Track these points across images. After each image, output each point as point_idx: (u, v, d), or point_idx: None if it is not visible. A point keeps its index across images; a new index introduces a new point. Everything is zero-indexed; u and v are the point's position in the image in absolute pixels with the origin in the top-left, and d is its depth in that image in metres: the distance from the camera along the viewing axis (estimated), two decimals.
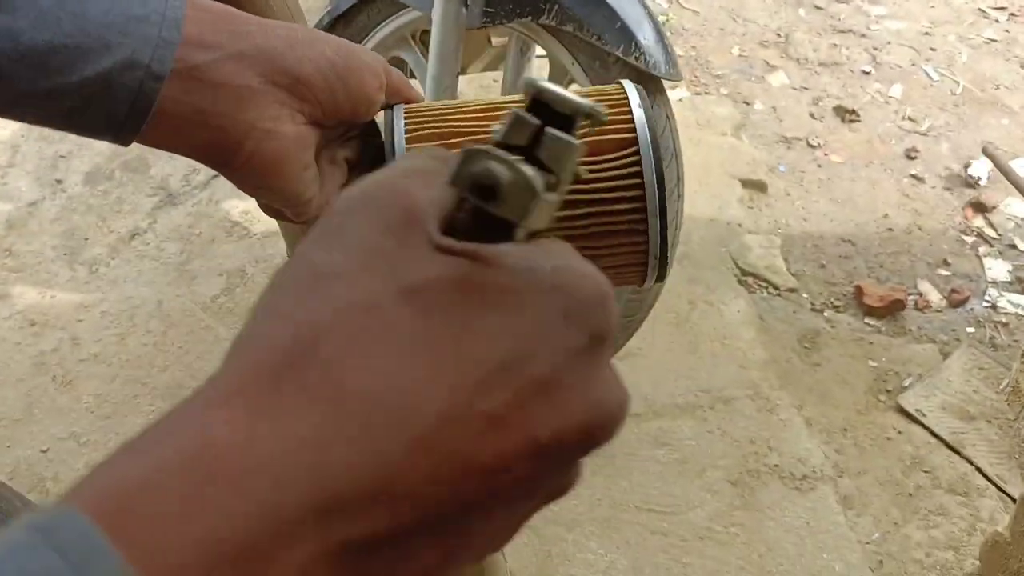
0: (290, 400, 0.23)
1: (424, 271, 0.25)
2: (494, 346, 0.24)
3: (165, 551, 0.20)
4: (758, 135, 2.41)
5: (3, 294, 1.93)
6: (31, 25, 0.41)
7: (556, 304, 0.25)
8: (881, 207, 2.23)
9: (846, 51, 2.71)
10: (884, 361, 1.83)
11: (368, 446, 0.22)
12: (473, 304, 0.25)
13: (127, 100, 0.43)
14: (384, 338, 0.24)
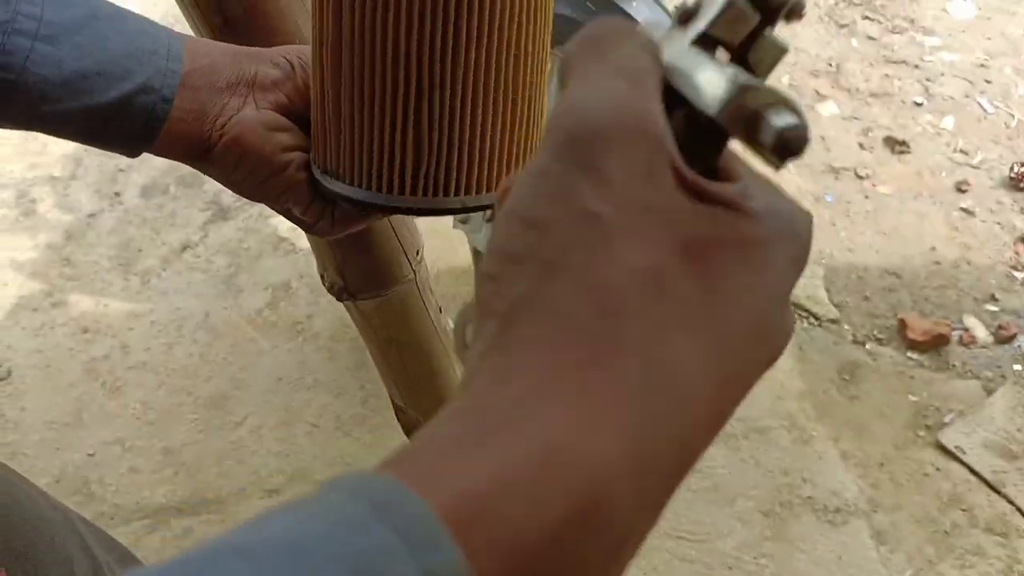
0: (612, 398, 0.23)
1: (695, 225, 0.26)
2: (753, 309, 0.26)
3: (503, 556, 0.20)
4: (805, 164, 2.39)
5: (60, 301, 2.00)
6: (70, 55, 0.49)
7: (791, 253, 0.27)
8: (929, 240, 2.20)
9: (898, 82, 2.68)
10: (925, 396, 1.80)
11: (677, 437, 0.24)
12: (737, 260, 0.26)
13: (142, 118, 0.51)
14: (673, 307, 0.24)
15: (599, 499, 0.22)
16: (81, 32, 0.50)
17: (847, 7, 2.98)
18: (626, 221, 0.25)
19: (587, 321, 0.24)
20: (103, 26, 0.51)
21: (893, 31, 2.88)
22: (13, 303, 2.00)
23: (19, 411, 1.78)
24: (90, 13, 0.51)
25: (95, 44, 0.50)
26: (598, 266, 0.24)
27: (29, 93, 0.50)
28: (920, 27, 2.89)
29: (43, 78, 0.49)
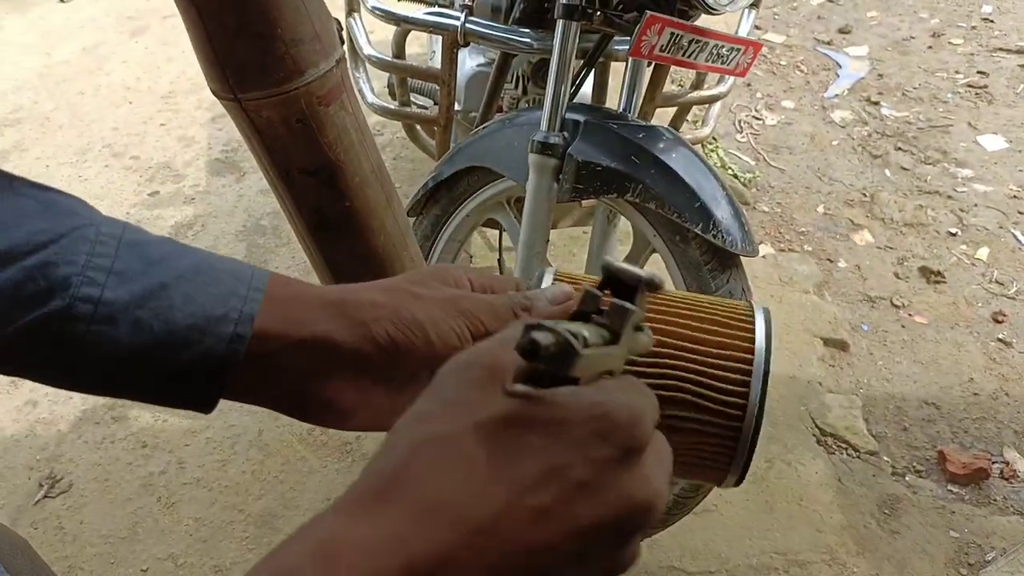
0: (385, 507, 0.32)
1: (491, 410, 0.34)
2: (539, 459, 0.33)
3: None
4: (841, 293, 2.45)
5: (121, 416, 2.09)
6: (127, 333, 0.49)
7: (591, 427, 0.34)
8: (966, 371, 2.22)
9: (932, 212, 2.75)
10: (966, 532, 1.80)
11: (440, 536, 0.31)
12: (524, 431, 0.34)
13: (203, 382, 0.51)
14: (455, 460, 0.33)
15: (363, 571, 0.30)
16: (144, 306, 0.49)
17: (880, 138, 3.08)
18: (438, 411, 0.35)
19: (385, 471, 0.33)
20: (171, 294, 0.50)
21: (926, 162, 2.97)
22: (77, 416, 2.10)
23: (78, 524, 1.85)
24: (159, 282, 0.50)
25: (157, 317, 0.49)
26: (404, 438, 0.34)
27: (86, 370, 0.50)
28: (953, 159, 2.98)
29: (99, 357, 0.49)
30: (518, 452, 0.33)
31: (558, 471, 0.33)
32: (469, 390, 0.35)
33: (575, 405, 0.35)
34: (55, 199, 0.51)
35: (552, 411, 0.34)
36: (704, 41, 1.42)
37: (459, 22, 1.58)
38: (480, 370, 0.36)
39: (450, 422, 0.34)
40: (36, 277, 0.47)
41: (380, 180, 0.69)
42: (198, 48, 0.58)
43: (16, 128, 3.22)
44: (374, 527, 0.32)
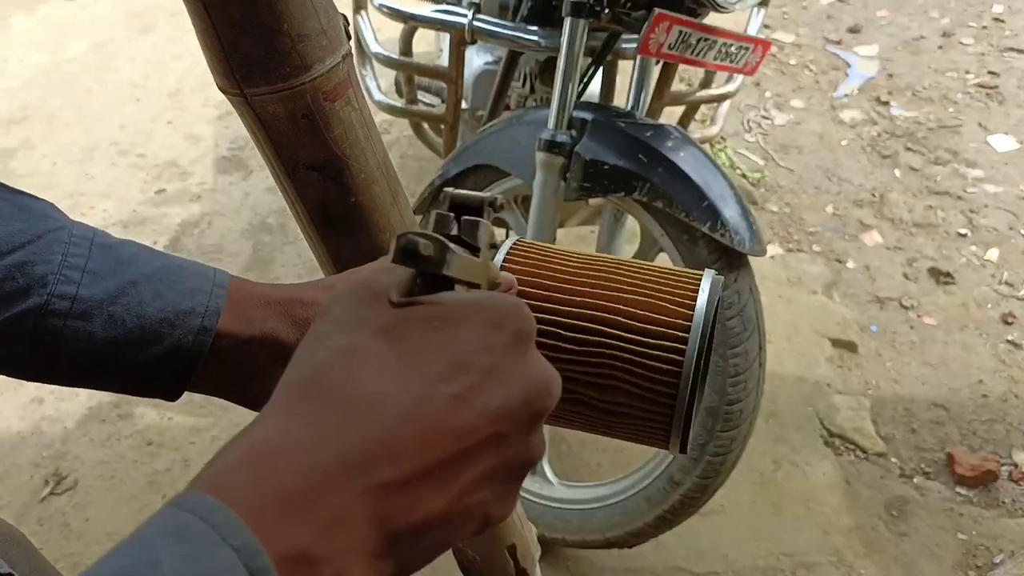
0: (310, 408, 0.33)
1: (390, 317, 0.36)
2: (443, 351, 0.35)
3: (245, 500, 0.30)
4: (850, 294, 2.44)
5: (126, 414, 2.09)
6: (102, 328, 0.52)
7: (481, 317, 0.37)
8: (976, 372, 2.21)
9: (942, 213, 2.74)
10: (974, 535, 1.79)
11: (368, 424, 0.33)
12: (424, 329, 0.36)
13: (172, 374, 0.55)
14: (367, 362, 0.34)
15: (300, 463, 0.31)
16: (116, 302, 0.52)
17: (890, 139, 3.07)
18: (336, 327, 0.36)
19: (300, 379, 0.35)
20: (141, 290, 0.53)
21: (936, 163, 2.95)
22: (83, 414, 2.10)
23: (83, 521, 1.84)
24: (130, 279, 0.53)
25: (129, 312, 0.52)
26: (313, 353, 0.36)
27: (63, 364, 0.52)
28: (963, 159, 2.96)
29: (75, 350, 0.52)
30: (422, 347, 0.35)
31: (463, 359, 0.35)
32: (358, 308, 0.37)
33: (463, 301, 0.37)
34: (28, 203, 0.54)
35: (443, 309, 0.36)
36: (713, 39, 1.41)
37: (466, 20, 1.58)
38: (363, 291, 0.38)
39: (350, 333, 0.36)
40: (15, 275, 0.50)
41: (386, 177, 0.68)
42: (204, 43, 0.57)
43: (23, 125, 3.23)
44: (305, 425, 0.33)
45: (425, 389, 0.34)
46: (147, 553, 0.28)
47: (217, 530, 0.29)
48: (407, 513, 0.33)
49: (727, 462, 1.47)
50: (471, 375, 0.35)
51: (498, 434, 0.35)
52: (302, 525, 0.30)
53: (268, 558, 0.29)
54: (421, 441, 0.33)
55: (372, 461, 0.32)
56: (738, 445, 1.45)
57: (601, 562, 1.73)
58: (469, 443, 0.34)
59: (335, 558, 0.31)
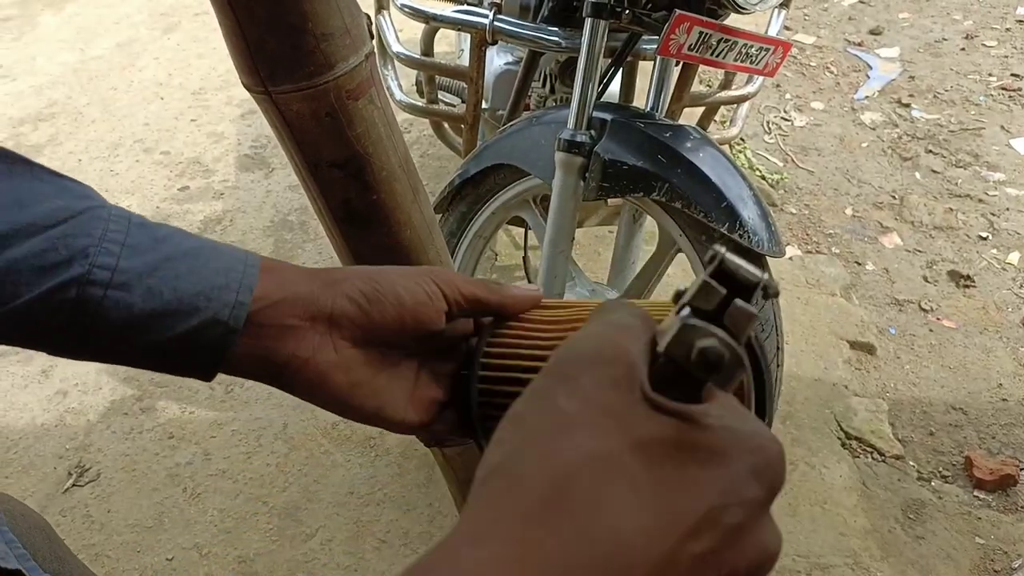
0: (555, 532, 0.29)
1: (649, 428, 0.32)
2: (704, 498, 0.31)
3: None
4: (868, 296, 2.43)
5: (149, 407, 2.12)
6: (141, 299, 0.53)
7: (749, 463, 0.32)
8: (995, 376, 2.20)
9: (962, 216, 2.72)
10: (992, 539, 1.78)
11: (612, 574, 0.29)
12: (688, 459, 0.31)
13: (209, 349, 0.55)
14: (620, 488, 0.30)
15: None
16: (154, 275, 0.53)
17: (911, 141, 3.05)
18: (587, 418, 0.31)
19: (539, 486, 0.30)
20: (177, 266, 0.54)
21: (957, 165, 2.94)
22: (105, 407, 2.13)
23: (105, 513, 1.87)
24: (166, 255, 0.54)
25: (166, 285, 0.53)
26: (558, 447, 0.31)
27: (102, 335, 0.53)
28: (984, 162, 2.94)
29: (114, 321, 0.53)
30: (682, 485, 0.31)
31: (718, 513, 0.31)
32: (612, 392, 0.33)
33: (730, 431, 0.33)
34: (69, 184, 0.55)
35: (709, 438, 0.32)
36: (733, 40, 1.42)
37: (487, 20, 1.59)
38: (615, 367, 0.33)
39: (605, 436, 0.31)
40: (58, 246, 0.51)
41: (407, 174, 0.69)
42: (229, 41, 0.59)
43: (50, 122, 3.27)
44: (544, 559, 0.29)
45: (674, 547, 0.30)
46: None
47: None
48: None
49: None
50: (718, 534, 0.31)
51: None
52: None
53: None
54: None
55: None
56: None
57: None
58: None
59: None
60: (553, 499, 0.29)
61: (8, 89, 3.55)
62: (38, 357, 2.28)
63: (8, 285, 0.51)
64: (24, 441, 2.06)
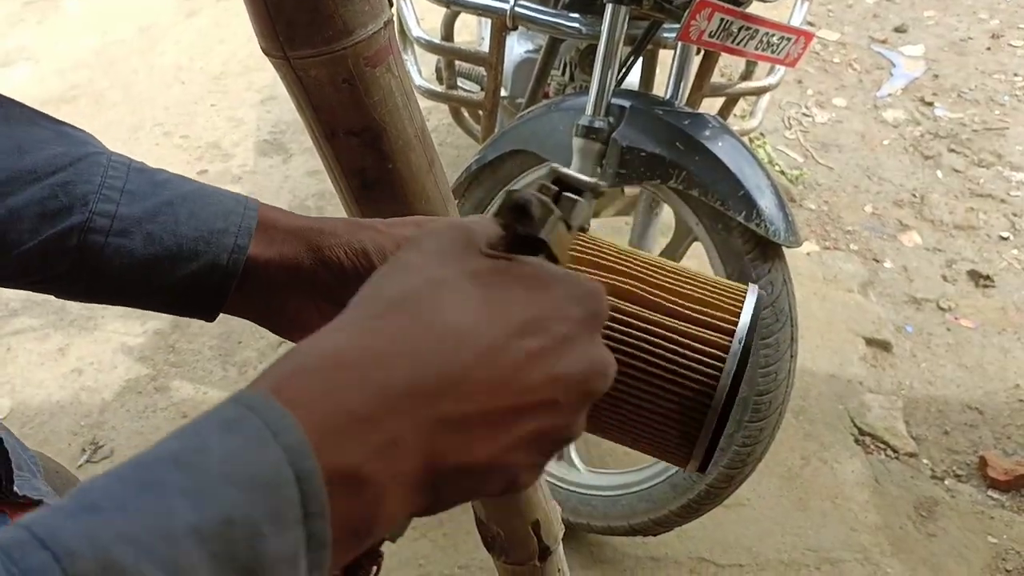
0: (392, 327, 0.34)
1: (479, 263, 0.37)
2: (527, 309, 0.36)
3: (308, 408, 0.31)
4: (886, 294, 2.41)
5: (163, 386, 2.13)
6: (141, 245, 0.54)
7: (566, 289, 0.38)
8: (1013, 377, 2.18)
9: (983, 215, 2.70)
10: (1005, 539, 1.77)
11: (445, 355, 0.34)
12: (514, 284, 0.37)
13: (210, 292, 0.56)
14: (453, 297, 0.35)
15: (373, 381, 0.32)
16: (154, 221, 0.54)
17: (933, 139, 3.03)
18: (426, 260, 0.37)
19: (385, 299, 0.36)
20: (177, 210, 0.55)
21: (979, 164, 2.91)
22: (121, 385, 2.14)
23: None
24: (166, 200, 0.55)
25: (166, 230, 0.54)
26: (400, 279, 0.37)
27: (105, 280, 0.54)
28: (1007, 162, 2.91)
29: (116, 267, 0.54)
30: (507, 299, 0.36)
31: (543, 322, 0.36)
32: (450, 247, 0.38)
33: (552, 269, 0.38)
34: (68, 131, 0.56)
35: (533, 270, 0.38)
36: (755, 28, 1.41)
37: (508, 5, 1.58)
38: (456, 233, 0.39)
39: (441, 267, 0.37)
40: (58, 194, 0.52)
41: (423, 145, 0.69)
42: (250, 5, 0.59)
43: (72, 105, 3.29)
44: (383, 342, 0.33)
45: (503, 339, 0.35)
46: (198, 440, 0.29)
47: (270, 427, 0.29)
48: (456, 453, 0.34)
49: (754, 453, 1.47)
50: (545, 338, 0.36)
51: (553, 400, 0.36)
52: (359, 443, 0.31)
53: (317, 465, 0.29)
54: (489, 386, 0.34)
55: (440, 393, 0.33)
56: (766, 436, 1.45)
57: (624, 549, 1.73)
58: (527, 400, 0.35)
59: (381, 482, 0.31)
60: (396, 304, 0.35)
61: (31, 71, 3.58)
62: (55, 335, 2.30)
63: (11, 232, 0.52)
64: (39, 417, 2.07)
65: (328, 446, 0.30)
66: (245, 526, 0.28)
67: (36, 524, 0.26)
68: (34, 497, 0.61)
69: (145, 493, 0.27)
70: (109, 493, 0.27)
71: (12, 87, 3.44)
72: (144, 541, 0.26)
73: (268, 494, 0.28)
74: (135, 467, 0.28)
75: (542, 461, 0.38)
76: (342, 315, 0.36)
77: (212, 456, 0.28)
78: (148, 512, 0.27)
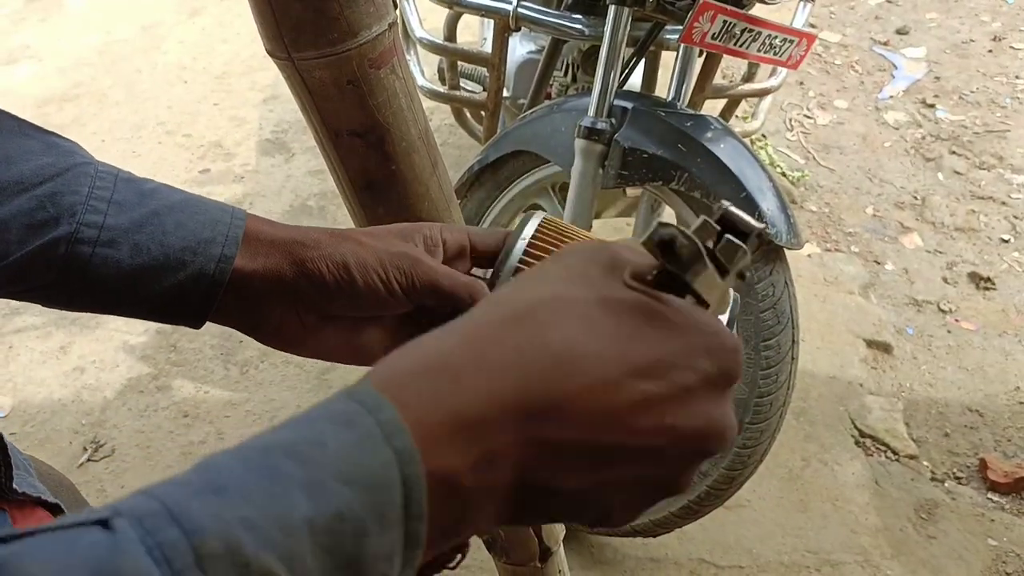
0: (509, 337, 0.34)
1: (617, 292, 0.36)
2: (654, 350, 0.35)
3: (417, 409, 0.31)
4: (887, 296, 2.42)
5: (164, 385, 2.13)
6: (128, 255, 0.54)
7: (703, 341, 0.36)
8: (1013, 379, 2.18)
9: (984, 218, 2.70)
10: (1005, 541, 1.77)
11: (558, 377, 0.33)
12: (647, 321, 0.36)
13: (196, 301, 0.56)
14: (581, 321, 0.35)
15: (483, 391, 0.33)
16: (141, 231, 0.54)
17: (934, 141, 3.03)
18: (564, 276, 0.37)
19: (507, 309, 0.35)
20: (164, 220, 0.55)
21: (981, 167, 2.91)
22: (122, 384, 2.14)
23: (119, 488, 1.89)
24: (153, 210, 0.55)
25: (153, 240, 0.54)
26: (530, 291, 0.36)
27: (92, 290, 0.55)
28: (1009, 164, 2.92)
29: (103, 278, 0.54)
30: (638, 336, 0.35)
31: (667, 368, 0.35)
32: (592, 269, 0.37)
33: (692, 315, 0.36)
34: (56, 141, 0.56)
35: (671, 312, 0.36)
36: (757, 30, 1.41)
37: (511, 6, 1.59)
38: (603, 257, 0.38)
39: (576, 288, 0.36)
40: (46, 205, 0.53)
41: (427, 146, 0.69)
42: (255, 6, 0.59)
43: (75, 103, 3.29)
44: (497, 353, 0.33)
45: (621, 374, 0.34)
46: (314, 433, 0.30)
47: (382, 428, 0.30)
48: (550, 476, 0.34)
49: (755, 455, 1.47)
50: (666, 385, 0.35)
51: (660, 450, 0.35)
52: (461, 452, 0.32)
53: (422, 468, 0.30)
54: (596, 418, 0.34)
55: (546, 414, 0.33)
56: (767, 438, 1.45)
57: (625, 550, 1.73)
58: (631, 443, 0.34)
59: (475, 491, 0.32)
60: (521, 315, 0.35)
61: (34, 69, 3.59)
62: (57, 333, 2.30)
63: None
64: (41, 415, 2.08)
65: (432, 451, 0.31)
66: (354, 523, 0.29)
67: (167, 497, 0.27)
68: (32, 495, 0.61)
69: (266, 480, 0.29)
70: (233, 475, 0.29)
71: (15, 85, 3.45)
72: (266, 530, 0.27)
73: (377, 494, 0.30)
74: (256, 451, 0.30)
75: (641, 506, 0.37)
76: (466, 315, 0.36)
77: (328, 452, 0.29)
78: (271, 501, 0.28)
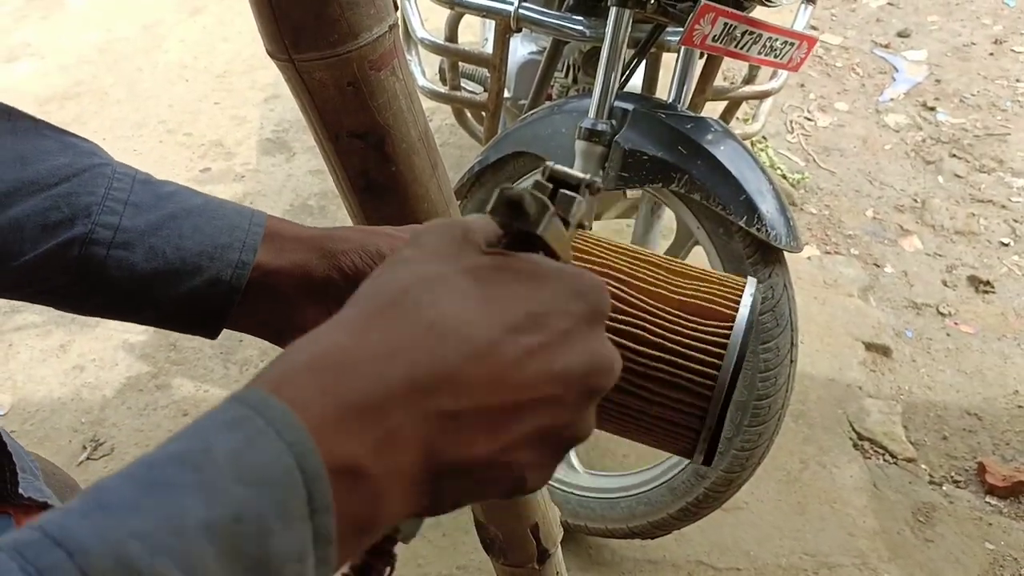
0: (388, 323, 0.34)
1: (476, 260, 0.37)
2: (525, 304, 0.36)
3: (308, 404, 0.31)
4: (886, 299, 2.42)
5: (164, 384, 2.13)
6: (143, 258, 0.53)
7: (566, 284, 0.37)
8: (1012, 383, 2.18)
9: (984, 221, 2.70)
10: (1003, 545, 1.77)
11: (440, 352, 0.33)
12: (512, 280, 0.37)
13: (212, 308, 0.55)
14: (449, 293, 0.35)
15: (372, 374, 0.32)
16: (157, 234, 0.53)
17: (935, 144, 3.03)
18: (422, 256, 0.37)
19: (378, 299, 0.36)
20: (181, 224, 0.54)
21: (981, 170, 2.91)
22: (122, 383, 2.14)
23: None
24: (170, 213, 0.54)
25: (169, 244, 0.53)
26: (396, 275, 0.37)
27: (104, 293, 0.54)
28: (1009, 168, 2.92)
29: (117, 280, 0.53)
30: (505, 295, 0.36)
31: (542, 317, 0.36)
32: (448, 244, 0.38)
33: (550, 265, 0.38)
34: (74, 141, 0.55)
35: (531, 266, 0.37)
36: (758, 33, 1.41)
37: (513, 7, 1.59)
38: (455, 230, 0.39)
39: (438, 264, 0.37)
40: (60, 205, 0.52)
41: (427, 148, 0.69)
42: (256, 7, 0.59)
43: (76, 101, 3.30)
44: (380, 338, 0.34)
45: (500, 334, 0.35)
46: (200, 441, 0.29)
47: (272, 425, 0.29)
48: (455, 449, 0.34)
49: (753, 457, 1.47)
50: (544, 333, 0.36)
51: (555, 397, 0.36)
52: (359, 438, 0.31)
53: (321, 461, 0.30)
54: (486, 382, 0.34)
55: (437, 388, 0.33)
56: (765, 441, 1.45)
57: (623, 552, 1.73)
58: (527, 397, 0.35)
59: (381, 477, 0.32)
60: (393, 301, 0.35)
61: (35, 67, 3.59)
62: (57, 332, 2.30)
63: (11, 243, 0.51)
64: (40, 413, 2.08)
65: (328, 441, 0.30)
66: (255, 522, 0.28)
67: (48, 524, 0.26)
68: (38, 499, 0.61)
69: (155, 491, 0.28)
70: (119, 493, 0.28)
71: (16, 83, 3.45)
72: (157, 538, 0.26)
73: (276, 491, 0.29)
74: (142, 467, 0.29)
75: (550, 462, 0.38)
76: (339, 313, 0.36)
77: (218, 455, 0.28)
78: (160, 510, 0.27)
